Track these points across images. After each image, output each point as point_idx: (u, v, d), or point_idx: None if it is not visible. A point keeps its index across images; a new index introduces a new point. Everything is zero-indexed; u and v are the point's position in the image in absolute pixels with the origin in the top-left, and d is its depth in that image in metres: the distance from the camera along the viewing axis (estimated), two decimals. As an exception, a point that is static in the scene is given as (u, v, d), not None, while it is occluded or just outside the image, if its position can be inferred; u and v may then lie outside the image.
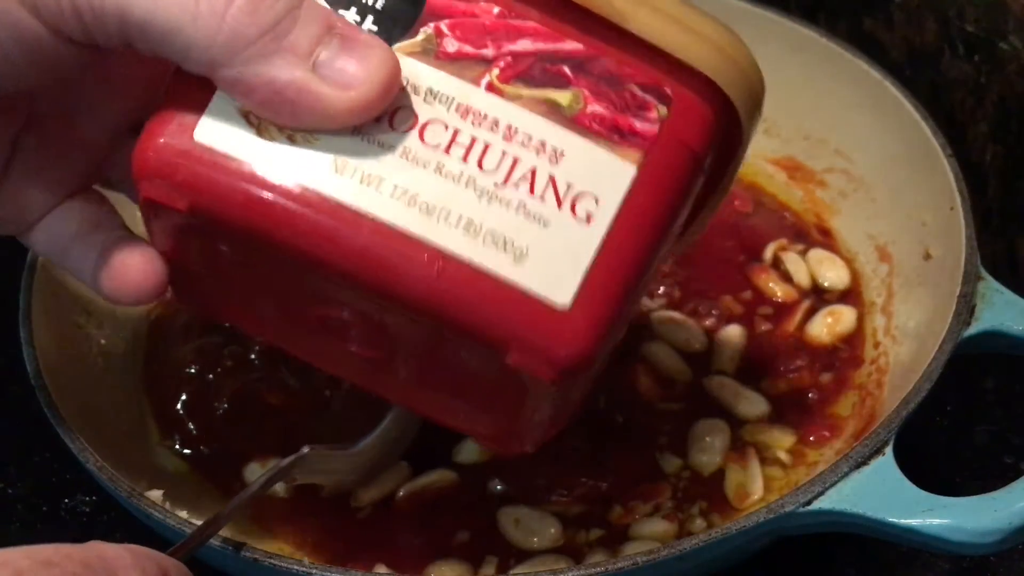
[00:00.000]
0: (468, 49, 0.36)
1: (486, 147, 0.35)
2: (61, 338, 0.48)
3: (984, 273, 0.46)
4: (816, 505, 0.39)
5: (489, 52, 0.36)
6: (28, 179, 0.39)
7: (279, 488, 0.46)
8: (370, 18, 0.36)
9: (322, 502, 0.46)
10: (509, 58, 0.36)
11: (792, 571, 0.47)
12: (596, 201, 0.35)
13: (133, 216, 0.40)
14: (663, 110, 0.36)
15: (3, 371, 0.49)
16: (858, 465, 0.40)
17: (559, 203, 0.35)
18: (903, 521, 0.39)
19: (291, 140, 0.35)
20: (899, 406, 0.42)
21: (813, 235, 0.57)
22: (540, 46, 0.36)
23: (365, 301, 0.37)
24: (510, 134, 0.35)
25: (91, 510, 0.50)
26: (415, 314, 0.36)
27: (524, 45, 0.36)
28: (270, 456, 0.47)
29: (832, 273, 0.54)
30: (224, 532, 0.39)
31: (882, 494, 0.39)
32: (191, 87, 0.35)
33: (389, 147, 0.35)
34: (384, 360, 0.40)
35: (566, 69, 0.36)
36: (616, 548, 0.45)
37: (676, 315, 0.52)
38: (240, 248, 0.37)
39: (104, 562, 0.28)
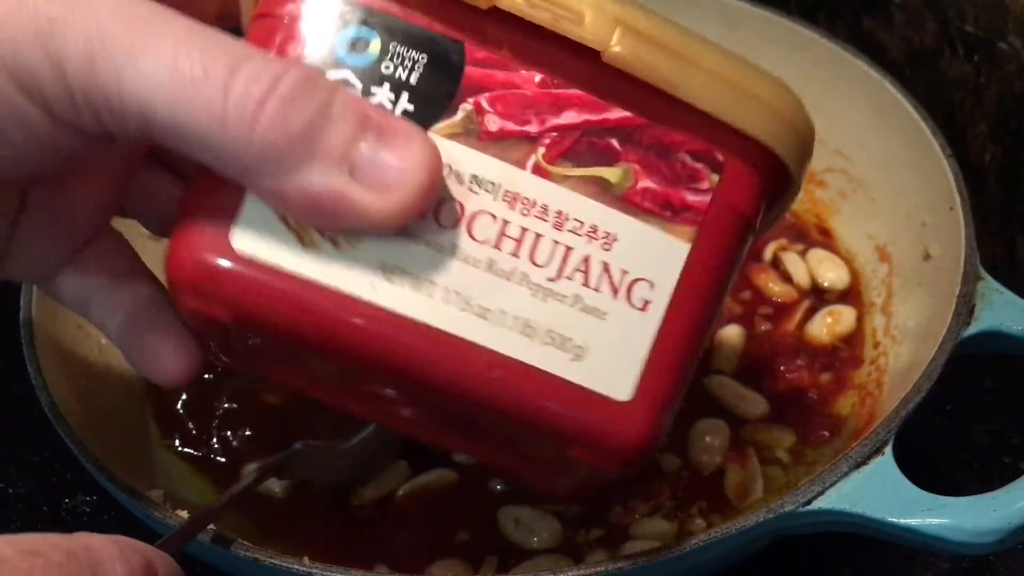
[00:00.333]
0: (511, 126, 0.34)
1: (537, 238, 0.34)
2: (61, 338, 0.48)
3: (984, 273, 0.46)
4: (816, 505, 0.39)
5: (533, 128, 0.34)
6: (42, 230, 0.37)
7: (276, 489, 0.46)
8: (405, 96, 0.33)
9: (322, 502, 0.46)
10: (555, 134, 0.34)
11: (792, 571, 0.47)
12: (651, 286, 0.34)
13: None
14: (715, 178, 0.35)
15: (3, 371, 0.49)
16: (858, 465, 0.40)
17: (615, 292, 0.34)
18: (903, 521, 0.39)
19: (335, 244, 0.33)
20: (899, 406, 0.42)
21: (813, 235, 0.57)
22: (586, 117, 0.34)
23: (417, 390, 0.36)
24: (560, 221, 0.34)
25: (91, 510, 0.50)
26: (470, 408, 0.35)
27: (569, 117, 0.34)
28: (268, 456, 0.47)
29: (832, 273, 0.54)
30: (224, 532, 0.39)
31: (882, 494, 0.39)
32: (220, 185, 0.32)
33: (437, 246, 0.33)
34: (433, 423, 0.39)
35: (614, 142, 0.34)
36: (616, 548, 0.45)
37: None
38: (283, 345, 0.36)
39: (89, 552, 0.28)
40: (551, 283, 0.34)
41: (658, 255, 0.34)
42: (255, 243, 0.33)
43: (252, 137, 0.30)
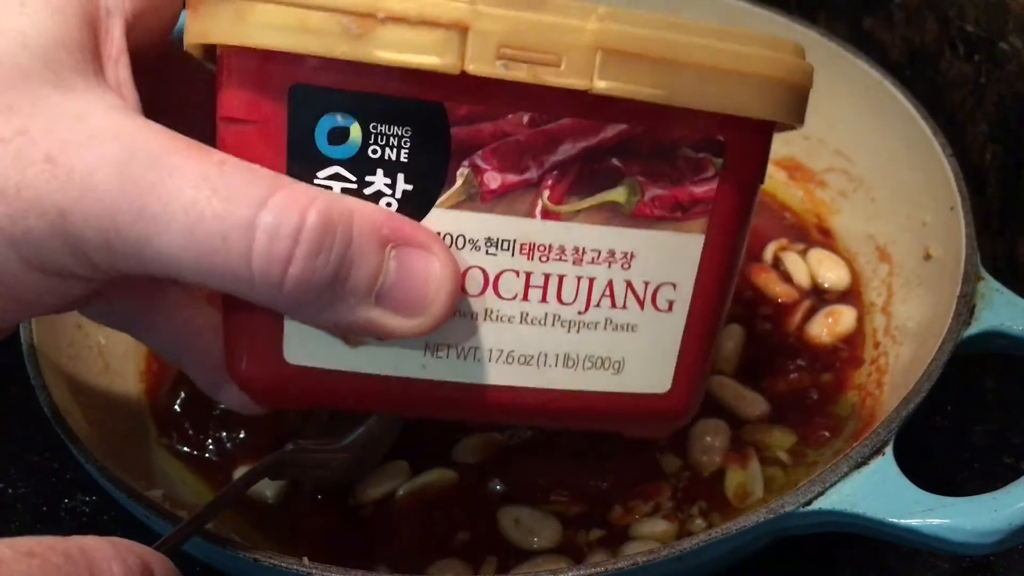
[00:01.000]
0: (511, 178, 0.33)
1: (560, 279, 0.35)
2: (61, 338, 0.48)
3: (984, 273, 0.46)
4: (816, 505, 0.39)
5: (533, 173, 0.34)
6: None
7: (268, 493, 0.46)
8: (401, 177, 0.33)
9: (322, 502, 0.46)
10: (555, 172, 0.34)
11: (792, 571, 0.47)
12: (674, 287, 0.36)
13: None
14: (719, 162, 0.34)
15: (3, 371, 0.49)
16: (858, 465, 0.40)
17: (641, 305, 0.36)
18: (903, 521, 0.39)
19: (379, 339, 0.34)
20: (899, 406, 0.42)
21: (813, 235, 0.57)
22: (582, 145, 0.34)
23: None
24: (579, 256, 0.35)
25: (91, 510, 0.50)
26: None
27: (566, 150, 0.33)
28: (261, 457, 0.47)
29: (832, 273, 0.54)
30: (224, 533, 0.39)
31: (882, 494, 0.39)
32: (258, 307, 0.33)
33: (471, 315, 0.34)
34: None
35: (615, 161, 0.34)
36: (616, 548, 0.45)
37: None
38: None
39: (85, 553, 0.28)
40: (581, 316, 0.35)
41: (676, 256, 0.35)
42: (306, 354, 0.34)
43: (280, 294, 0.31)
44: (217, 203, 0.30)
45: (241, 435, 0.48)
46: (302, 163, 0.32)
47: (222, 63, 0.33)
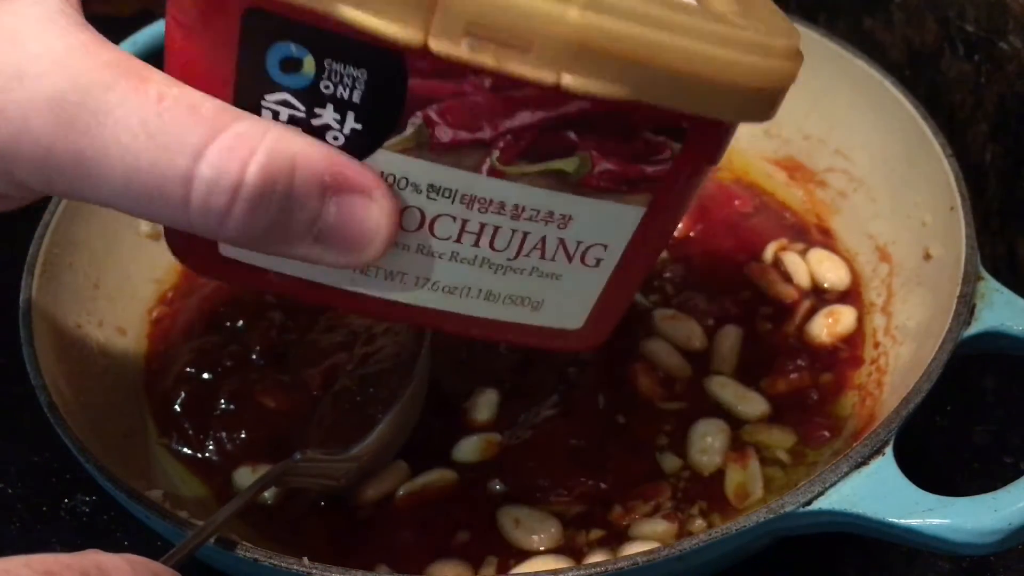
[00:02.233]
0: (463, 135, 0.33)
1: (496, 230, 0.35)
2: (61, 338, 0.48)
3: (984, 273, 0.46)
4: (816, 505, 0.39)
5: (486, 134, 0.33)
6: None
7: (267, 495, 0.46)
8: (351, 115, 0.32)
9: (322, 502, 0.46)
10: (509, 137, 0.33)
11: (792, 571, 0.47)
12: (604, 247, 0.36)
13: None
14: (677, 147, 0.34)
15: (3, 371, 0.49)
16: (858, 465, 0.40)
17: (569, 259, 0.36)
18: (903, 521, 0.39)
19: None
20: (899, 406, 0.42)
21: (813, 235, 0.57)
22: (541, 115, 0.32)
23: None
24: (517, 212, 0.35)
25: (91, 510, 0.50)
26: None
27: (524, 118, 0.32)
28: (261, 460, 0.47)
29: (832, 273, 0.54)
30: (224, 534, 0.39)
31: (882, 494, 0.39)
32: None
33: (404, 246, 0.35)
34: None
35: (571, 135, 0.33)
36: (616, 548, 0.45)
37: (676, 312, 0.52)
38: None
39: (101, 571, 0.28)
40: (510, 262, 0.36)
41: (613, 222, 0.36)
42: (240, 253, 0.35)
43: (219, 234, 0.31)
44: (154, 151, 0.30)
45: (241, 435, 0.48)
46: (251, 84, 0.31)
47: None
